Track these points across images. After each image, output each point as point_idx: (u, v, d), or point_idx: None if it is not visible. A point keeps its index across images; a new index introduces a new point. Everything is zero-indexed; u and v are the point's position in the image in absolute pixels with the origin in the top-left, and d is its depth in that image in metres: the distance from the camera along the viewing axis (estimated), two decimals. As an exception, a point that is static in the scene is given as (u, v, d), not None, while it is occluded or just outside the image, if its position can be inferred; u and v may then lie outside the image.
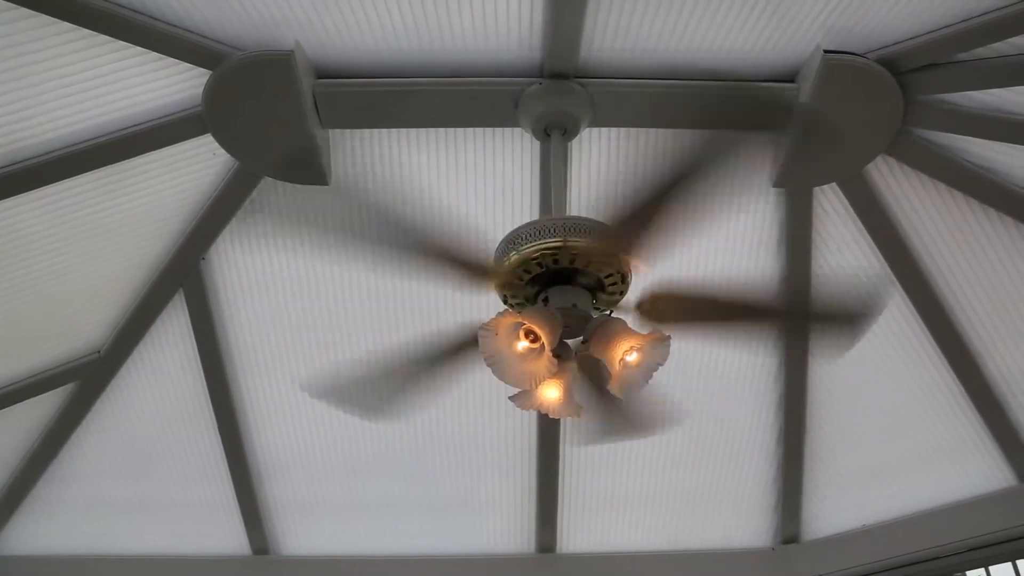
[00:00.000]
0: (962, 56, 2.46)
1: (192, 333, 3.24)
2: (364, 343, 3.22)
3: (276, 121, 2.51)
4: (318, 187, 2.69)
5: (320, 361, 3.26)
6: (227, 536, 3.78)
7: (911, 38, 2.42)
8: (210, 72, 2.40)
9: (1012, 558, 3.54)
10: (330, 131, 2.67)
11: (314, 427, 3.54)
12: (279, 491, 3.71)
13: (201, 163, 2.72)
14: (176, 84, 2.46)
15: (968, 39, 2.38)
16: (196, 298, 3.14)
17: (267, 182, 2.79)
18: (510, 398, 2.12)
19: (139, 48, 2.32)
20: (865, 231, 3.00)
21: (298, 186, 2.74)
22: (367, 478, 3.69)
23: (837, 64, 2.44)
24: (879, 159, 2.79)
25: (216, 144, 2.59)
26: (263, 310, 3.22)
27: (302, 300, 3.19)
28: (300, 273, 3.12)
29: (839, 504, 3.78)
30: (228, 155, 2.65)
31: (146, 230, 2.91)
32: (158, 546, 3.80)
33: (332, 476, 3.68)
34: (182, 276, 3.08)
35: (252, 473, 3.61)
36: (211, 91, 2.44)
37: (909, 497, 3.65)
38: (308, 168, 2.65)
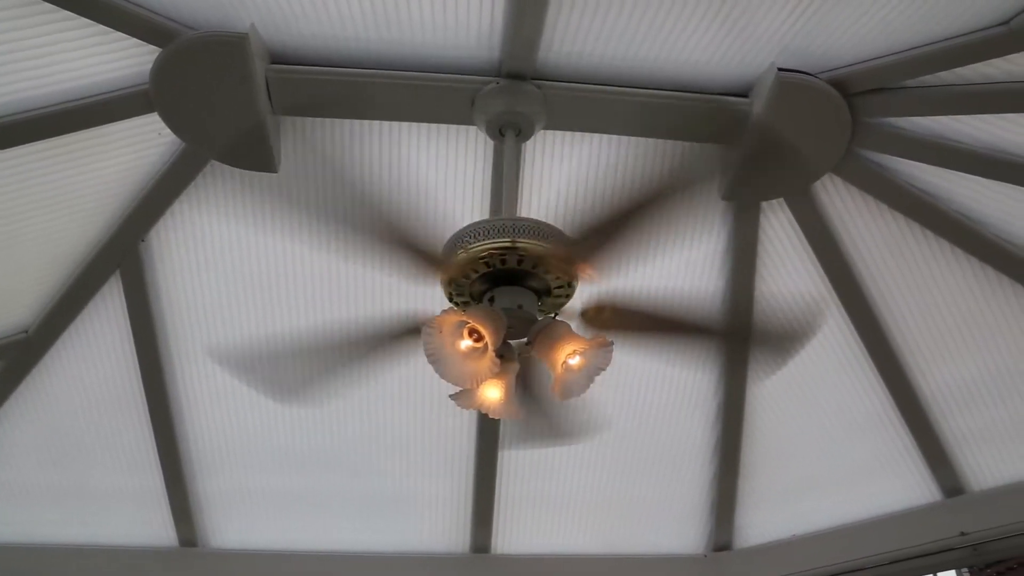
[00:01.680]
0: (910, 83, 2.53)
1: (127, 317, 3.14)
2: (303, 319, 3.16)
3: (226, 104, 2.45)
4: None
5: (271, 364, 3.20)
6: (153, 527, 3.68)
7: (862, 62, 2.47)
8: (160, 49, 2.33)
9: (934, 571, 3.65)
10: (281, 118, 2.62)
11: (250, 418, 3.47)
12: (210, 482, 3.63)
13: (146, 143, 2.64)
14: (124, 59, 2.39)
15: (916, 66, 2.45)
16: (133, 281, 3.05)
17: (213, 166, 2.73)
18: (451, 397, 2.11)
19: (86, 20, 2.24)
20: (809, 247, 3.06)
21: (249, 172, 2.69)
22: (302, 472, 3.63)
23: (790, 82, 2.49)
24: (826, 178, 2.85)
25: (162, 124, 2.52)
26: (202, 296, 3.14)
27: (243, 288, 3.12)
28: (242, 260, 3.06)
29: (771, 514, 3.85)
30: (174, 136, 2.58)
31: (84, 208, 2.82)
32: (80, 535, 3.68)
33: (266, 468, 3.61)
34: (120, 257, 2.99)
35: (183, 463, 3.52)
36: (159, 69, 2.37)
37: (839, 509, 3.74)
38: (256, 154, 2.60)
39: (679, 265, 3.13)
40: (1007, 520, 3.41)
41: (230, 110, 2.46)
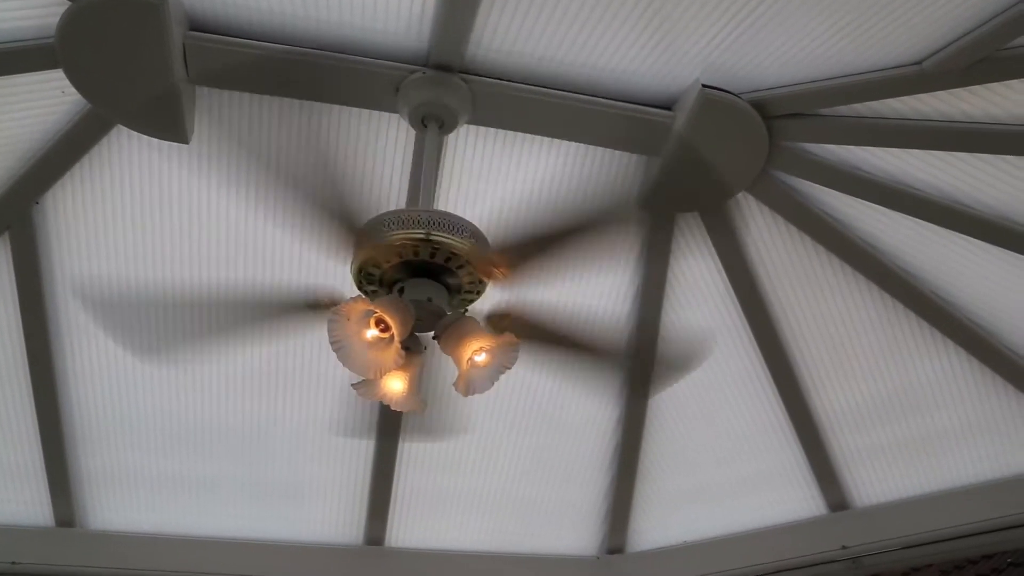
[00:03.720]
0: (826, 111, 2.61)
1: (13, 282, 2.96)
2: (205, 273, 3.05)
3: (138, 68, 2.34)
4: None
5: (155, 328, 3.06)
6: (29, 504, 3.49)
7: (784, 86, 2.54)
8: (69, 2, 2.21)
9: (815, 582, 3.77)
10: (196, 88, 2.52)
11: (140, 396, 3.32)
12: (93, 460, 3.46)
13: (47, 100, 2.50)
14: (30, 9, 2.25)
15: (834, 96, 2.53)
16: (23, 245, 2.88)
17: (120, 130, 2.60)
18: (353, 386, 2.08)
19: (-13, -36, 2.11)
20: (719, 262, 3.13)
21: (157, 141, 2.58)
22: (192, 454, 3.50)
23: (712, 99, 2.53)
24: (740, 196, 2.91)
25: (67, 82, 2.39)
26: (98, 265, 2.99)
27: (142, 259, 2.98)
28: (144, 229, 2.91)
29: (666, 520, 3.93)
30: (79, 95, 2.44)
31: (-25, 164, 2.66)
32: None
33: (155, 449, 3.47)
34: (10, 219, 2.82)
35: (65, 438, 3.34)
36: (67, 24, 2.24)
37: (729, 518, 3.84)
38: (167, 122, 2.49)
39: (591, 283, 3.15)
40: (886, 536, 3.57)
41: (142, 74, 2.35)
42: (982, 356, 3.26)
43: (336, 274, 2.13)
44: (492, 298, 2.10)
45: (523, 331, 2.03)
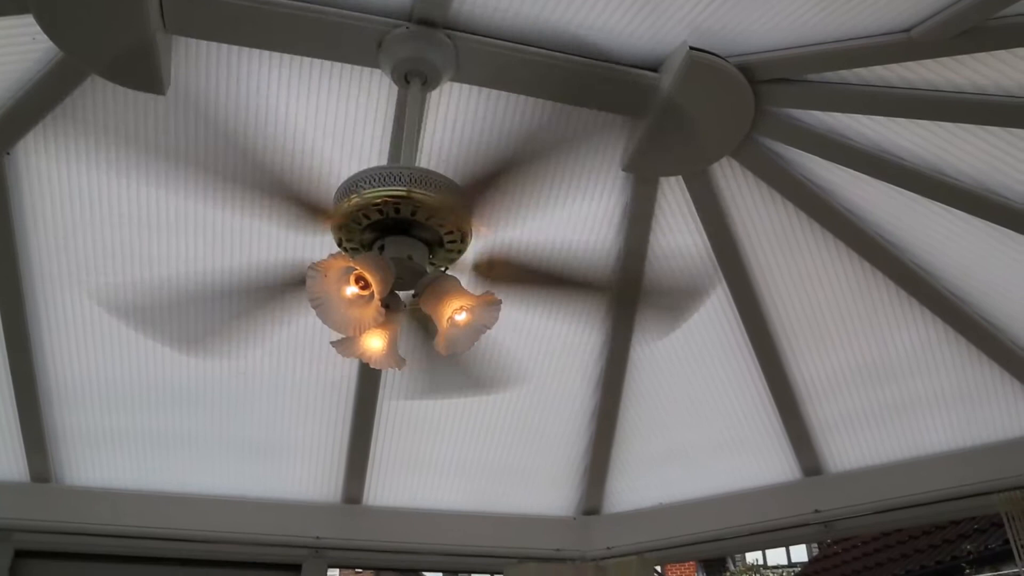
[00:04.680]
0: (813, 77, 2.59)
1: (-14, 235, 2.91)
2: (183, 268, 3.01)
3: (113, 15, 2.27)
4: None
5: (131, 281, 3.02)
6: (4, 459, 3.46)
7: (771, 51, 2.51)
8: (38, -56, 2.14)
9: (786, 543, 3.86)
10: (173, 37, 2.46)
11: (116, 351, 3.29)
12: (69, 416, 3.44)
13: (18, 47, 2.42)
14: (-2, -49, 2.18)
15: (821, 62, 2.51)
16: (-6, 196, 2.83)
17: (94, 81, 2.54)
18: (332, 343, 2.07)
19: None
20: (701, 226, 3.13)
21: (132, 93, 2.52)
22: (168, 411, 3.48)
23: (699, 62, 2.50)
24: (724, 160, 2.90)
25: (37, 29, 2.32)
26: (72, 219, 2.93)
27: (117, 214, 2.92)
28: (118, 184, 2.86)
29: (642, 482, 3.98)
30: (50, 43, 2.38)
31: (-59, 112, 2.58)
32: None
33: (131, 406, 3.44)
34: (-19, 169, 2.77)
35: (40, 393, 3.31)
36: (38, -33, 2.17)
37: (705, 481, 3.89)
38: (143, 73, 2.43)
39: (575, 221, 3.12)
40: (857, 501, 3.63)
41: (116, 22, 2.28)
42: (958, 326, 3.30)
43: (316, 245, 2.11)
44: (476, 248, 2.08)
45: (511, 274, 2.02)
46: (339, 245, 2.09)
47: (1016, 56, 2.36)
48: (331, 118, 2.72)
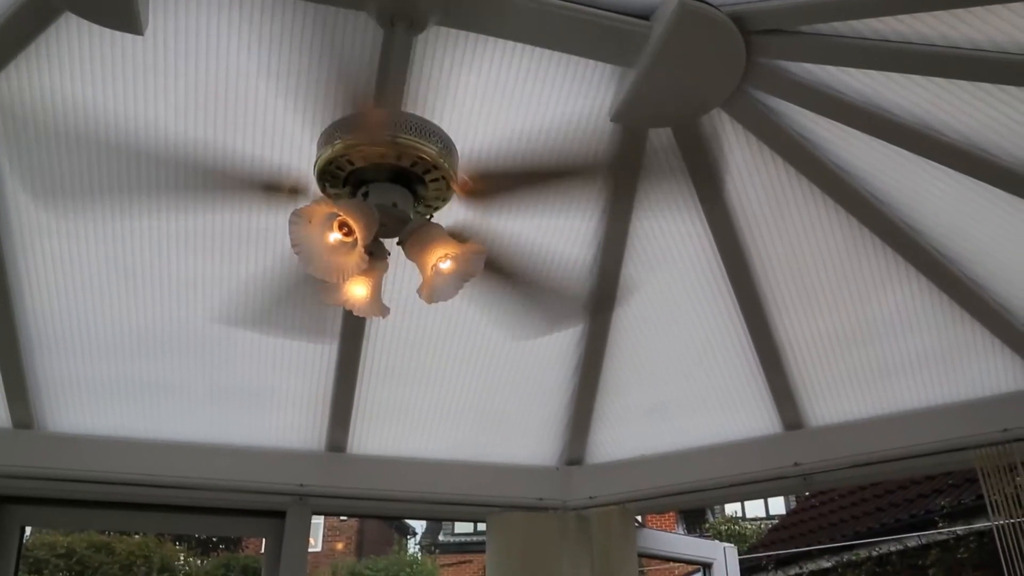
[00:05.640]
0: (806, 28, 2.55)
1: (-41, 180, 2.85)
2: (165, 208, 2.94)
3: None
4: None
5: (113, 228, 2.97)
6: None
7: (763, 0, 2.46)
8: None
9: (765, 495, 3.92)
10: (153, -26, 2.39)
11: (98, 298, 3.25)
12: (51, 363, 3.41)
13: (-10, -18, 2.35)
14: None
15: (815, 13, 2.45)
16: (-35, 139, 2.76)
17: (68, 18, 2.46)
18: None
19: None
20: (690, 180, 3.10)
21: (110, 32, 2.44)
22: (152, 359, 3.46)
23: (692, 10, 2.45)
24: (714, 112, 2.87)
25: (9, -38, 2.24)
26: (48, 159, 2.87)
27: (96, 152, 2.86)
28: (97, 125, 2.79)
29: (624, 433, 4.01)
30: (24, -22, 2.30)
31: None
32: None
33: (114, 353, 3.42)
34: (-50, 111, 2.69)
35: (20, 341, 3.28)
36: None
37: (687, 434, 3.93)
38: (119, 10, 2.35)
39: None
40: (836, 455, 3.69)
41: (91, -45, 2.21)
42: (943, 285, 3.31)
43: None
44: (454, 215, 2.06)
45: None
46: (322, 190, 2.06)
47: (1011, 11, 2.32)
48: (316, 63, 2.65)
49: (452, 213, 2.16)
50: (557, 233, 3.20)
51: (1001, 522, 3.27)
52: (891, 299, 3.41)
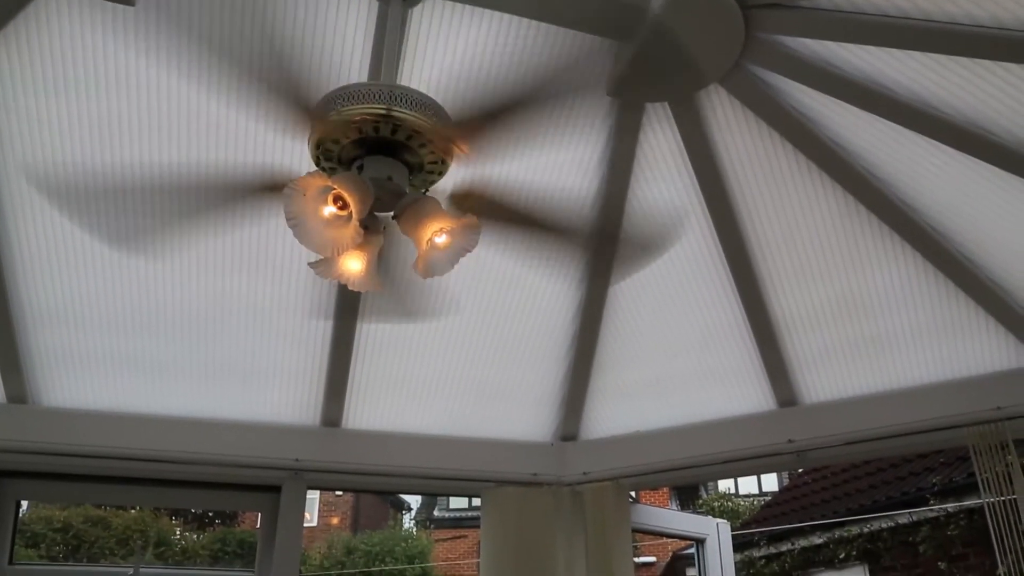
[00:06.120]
0: (806, 3, 2.53)
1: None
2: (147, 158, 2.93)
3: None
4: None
5: (104, 199, 2.94)
6: (-22, 380, 3.44)
7: (763, -28, 2.45)
8: None
9: (759, 472, 3.95)
10: (145, -58, 2.35)
11: (92, 273, 3.23)
12: (46, 337, 3.39)
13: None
14: None
15: (814, -13, 2.44)
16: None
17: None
18: (310, 264, 2.04)
19: None
20: (686, 154, 3.09)
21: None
22: (146, 334, 3.45)
23: (692, -17, 2.43)
24: (711, 88, 2.85)
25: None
26: (43, 129, 2.83)
27: (93, 123, 2.82)
28: (92, 89, 2.75)
29: (619, 409, 4.02)
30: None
31: None
32: None
33: (108, 328, 3.41)
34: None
35: (13, 316, 3.27)
36: None
37: (681, 410, 3.94)
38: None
39: (557, 160, 3.08)
40: (829, 432, 3.70)
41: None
42: (938, 262, 3.30)
43: (293, 152, 2.05)
44: (455, 176, 2.05)
45: (487, 210, 1.99)
46: (317, 163, 2.05)
47: (1014, -14, 2.30)
48: (308, 34, 2.63)
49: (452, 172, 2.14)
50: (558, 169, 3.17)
51: (992, 499, 3.29)
52: (886, 277, 3.41)
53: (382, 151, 1.99)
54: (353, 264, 2.02)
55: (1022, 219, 3.05)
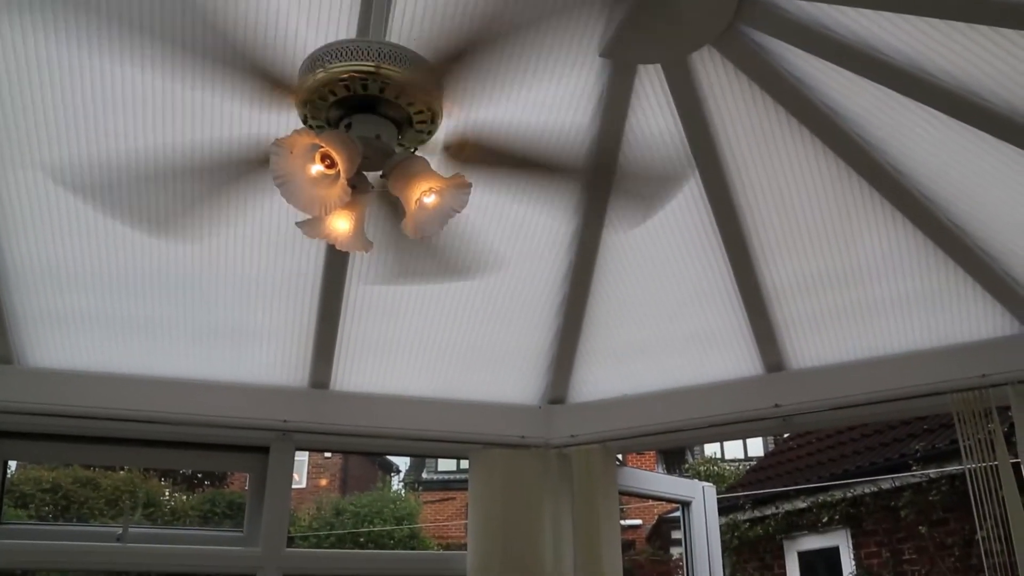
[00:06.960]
0: (800, -36, 2.50)
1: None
2: (141, 144, 2.89)
3: None
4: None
5: (92, 160, 2.90)
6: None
7: (758, -68, 2.41)
8: None
9: (745, 436, 3.98)
10: None
11: (76, 232, 3.18)
12: (30, 297, 3.35)
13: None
14: None
15: (809, -53, 2.41)
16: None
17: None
18: (297, 224, 2.02)
19: None
20: (678, 117, 3.06)
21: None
22: (133, 295, 3.41)
23: (685, -59, 2.39)
24: (704, 50, 2.82)
25: None
26: (22, 95, 2.78)
27: (70, 87, 2.78)
28: (71, 74, 2.71)
29: (607, 373, 4.04)
30: None
31: None
32: None
33: (94, 288, 3.37)
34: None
35: (-1, 274, 3.23)
36: None
37: (669, 374, 3.96)
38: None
39: (549, 104, 3.02)
40: (815, 397, 3.73)
41: None
42: (927, 229, 3.31)
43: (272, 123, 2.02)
44: (447, 128, 2.02)
45: (483, 156, 1.97)
46: (304, 123, 2.02)
47: (1011, -52, 2.28)
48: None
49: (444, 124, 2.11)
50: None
51: (973, 465, 3.33)
52: (875, 243, 3.41)
53: (371, 109, 1.96)
54: (341, 224, 2.00)
55: (1012, 187, 3.05)
